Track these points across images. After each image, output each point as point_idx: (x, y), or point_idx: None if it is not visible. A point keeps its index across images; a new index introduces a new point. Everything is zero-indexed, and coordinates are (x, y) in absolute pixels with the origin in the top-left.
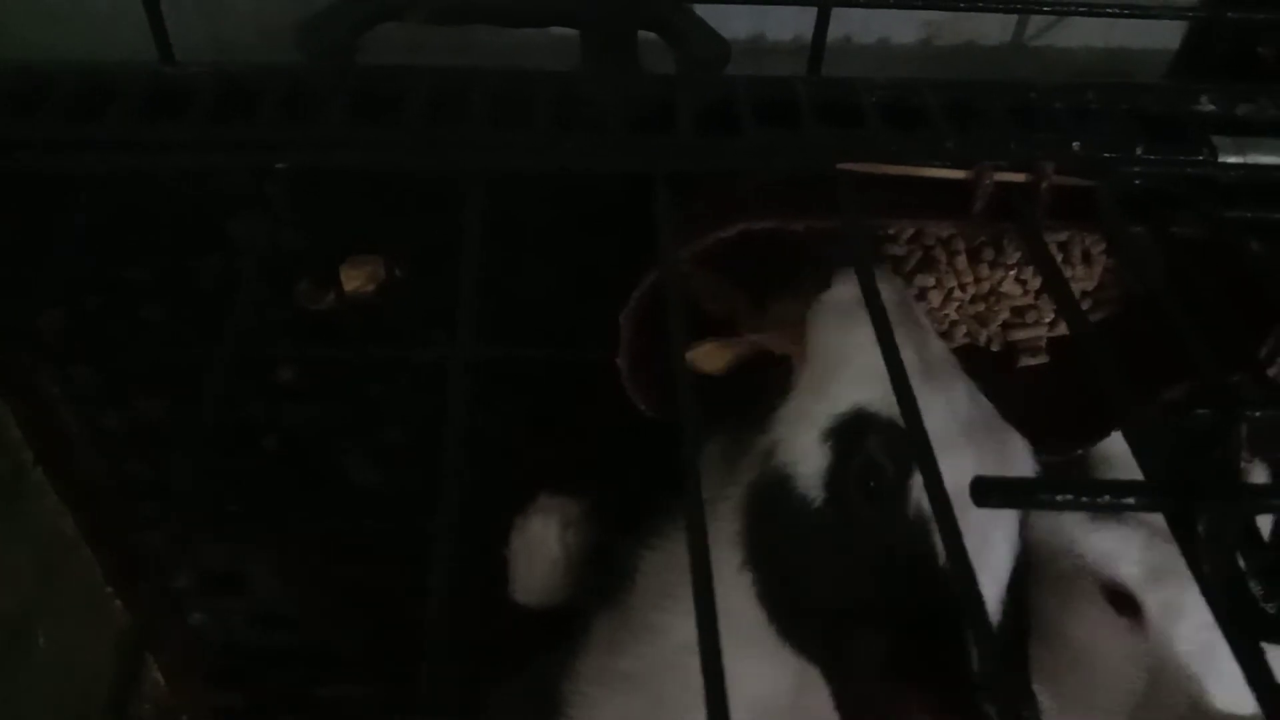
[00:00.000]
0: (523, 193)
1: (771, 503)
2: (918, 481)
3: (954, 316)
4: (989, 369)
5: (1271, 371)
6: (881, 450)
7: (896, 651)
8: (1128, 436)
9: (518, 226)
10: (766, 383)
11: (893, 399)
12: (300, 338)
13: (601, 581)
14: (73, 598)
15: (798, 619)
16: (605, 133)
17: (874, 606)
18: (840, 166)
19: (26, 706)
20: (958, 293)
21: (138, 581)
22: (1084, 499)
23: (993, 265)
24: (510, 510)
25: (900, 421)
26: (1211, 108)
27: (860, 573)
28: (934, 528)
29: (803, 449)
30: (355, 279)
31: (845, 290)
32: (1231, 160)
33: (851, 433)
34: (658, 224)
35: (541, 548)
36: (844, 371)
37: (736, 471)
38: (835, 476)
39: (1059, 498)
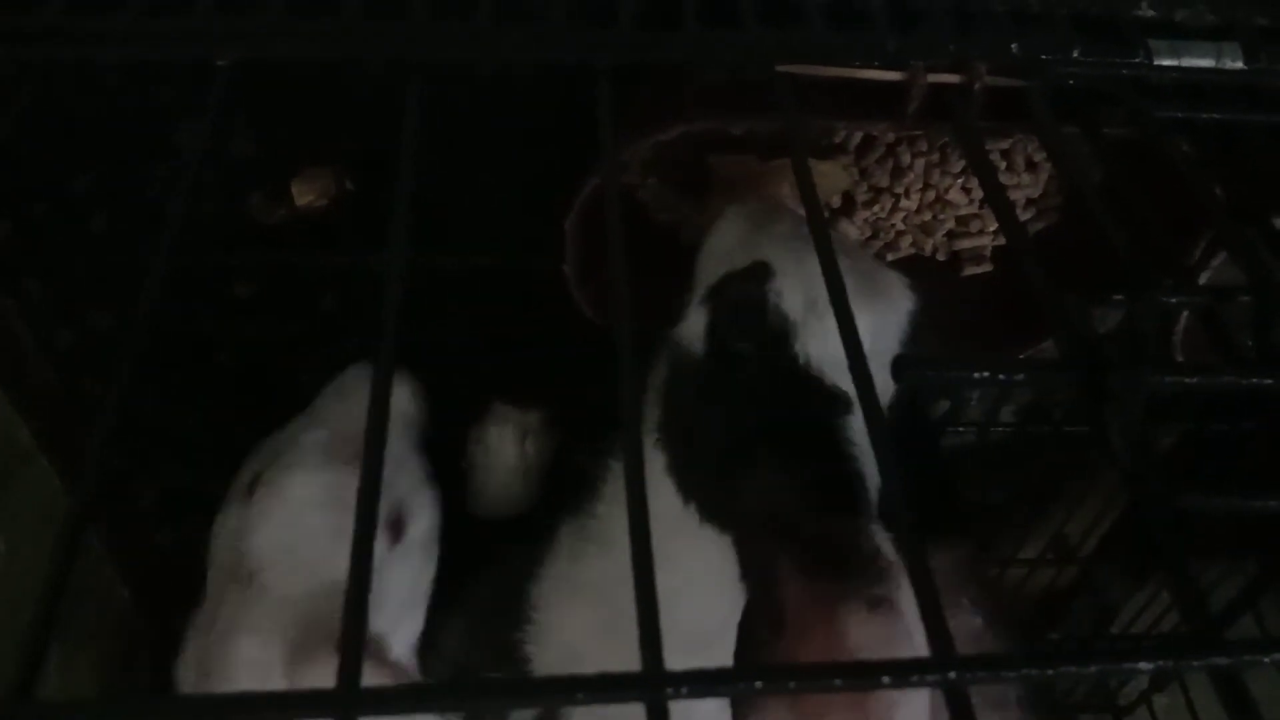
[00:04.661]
0: (472, 101)
1: (674, 379)
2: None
3: (900, 226)
4: (935, 278)
5: (1203, 277)
6: (742, 289)
7: (780, 495)
8: (1049, 322)
9: (468, 137)
10: None
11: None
12: (255, 252)
13: (565, 491)
14: (31, 505)
15: (696, 480)
16: (546, 25)
17: (758, 448)
18: (779, 69)
19: None
20: (904, 201)
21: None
22: (1000, 376)
23: (941, 173)
24: (466, 422)
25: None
26: (1151, 13)
27: (742, 414)
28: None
29: (690, 321)
30: (307, 194)
31: (744, 207)
32: (1166, 63)
33: (720, 288)
34: (599, 121)
35: (500, 457)
36: (719, 252)
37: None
38: (712, 327)
39: (976, 374)
